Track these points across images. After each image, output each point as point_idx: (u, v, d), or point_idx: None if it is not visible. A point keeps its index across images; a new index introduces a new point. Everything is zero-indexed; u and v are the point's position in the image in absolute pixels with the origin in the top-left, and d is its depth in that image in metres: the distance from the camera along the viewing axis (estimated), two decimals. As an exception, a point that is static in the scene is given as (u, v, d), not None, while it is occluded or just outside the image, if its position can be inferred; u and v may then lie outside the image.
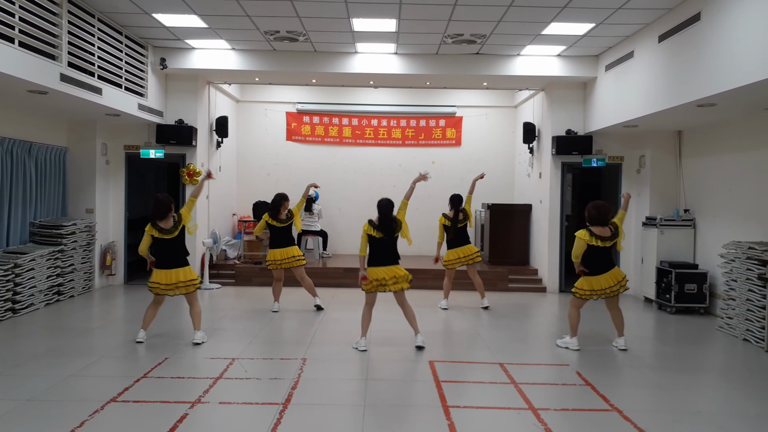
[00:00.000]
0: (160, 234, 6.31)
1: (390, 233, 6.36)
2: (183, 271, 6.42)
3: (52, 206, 9.25)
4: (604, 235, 6.29)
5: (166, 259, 6.39)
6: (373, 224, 6.38)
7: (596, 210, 6.37)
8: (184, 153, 10.45)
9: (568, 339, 6.54)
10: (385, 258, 6.40)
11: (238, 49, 9.82)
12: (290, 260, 8.24)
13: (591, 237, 6.26)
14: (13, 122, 8.38)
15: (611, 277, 6.36)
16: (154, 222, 6.35)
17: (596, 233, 6.28)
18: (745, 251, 7.16)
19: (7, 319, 7.50)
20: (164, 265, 6.38)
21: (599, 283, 6.35)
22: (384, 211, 6.41)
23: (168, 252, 6.39)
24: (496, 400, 4.98)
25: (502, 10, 7.66)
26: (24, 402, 4.67)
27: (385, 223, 6.39)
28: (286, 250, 8.24)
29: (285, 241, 8.28)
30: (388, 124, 13.23)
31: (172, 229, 6.37)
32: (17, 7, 6.40)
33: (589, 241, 6.25)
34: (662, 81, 7.70)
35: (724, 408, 4.99)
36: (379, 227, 6.37)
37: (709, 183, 8.92)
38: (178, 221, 6.44)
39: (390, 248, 6.42)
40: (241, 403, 4.75)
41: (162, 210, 6.36)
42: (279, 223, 8.23)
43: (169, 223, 6.39)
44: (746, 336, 7.06)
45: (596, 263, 6.35)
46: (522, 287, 10.66)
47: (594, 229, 6.32)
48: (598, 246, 6.26)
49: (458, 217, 8.54)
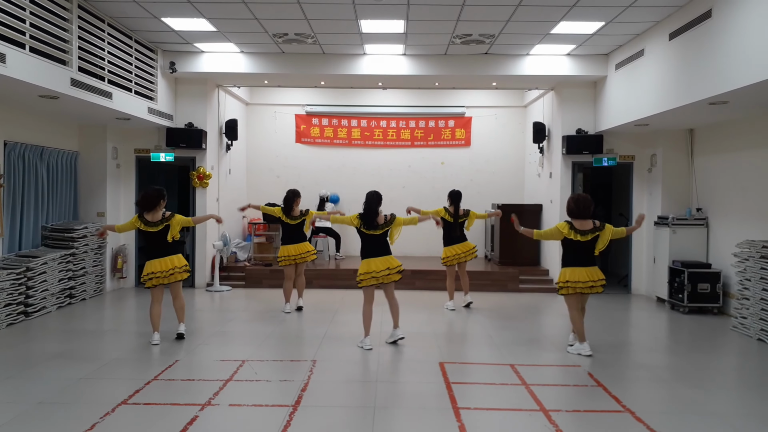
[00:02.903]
0: (145, 226, 6.44)
1: (369, 225, 6.42)
2: (175, 258, 6.54)
3: (63, 210, 9.32)
4: (584, 229, 6.16)
5: (157, 249, 6.51)
6: (360, 215, 6.49)
7: (575, 203, 6.27)
8: (194, 156, 10.50)
9: (578, 345, 6.39)
10: (376, 250, 6.47)
11: (247, 52, 9.86)
12: (304, 255, 8.27)
13: (570, 231, 6.15)
14: (25, 127, 8.46)
15: (588, 273, 6.18)
16: (141, 214, 6.48)
17: (576, 227, 6.17)
18: (759, 250, 7.08)
19: (19, 322, 7.56)
20: (155, 254, 6.51)
21: (575, 276, 6.17)
22: (368, 201, 6.48)
23: (157, 243, 6.51)
24: (506, 401, 4.94)
25: (510, 9, 7.62)
26: (35, 405, 4.69)
27: (367, 214, 6.45)
28: (299, 246, 8.27)
29: (298, 238, 8.30)
30: (397, 126, 13.22)
31: (157, 224, 6.46)
32: (28, 13, 6.46)
33: (567, 235, 6.15)
34: (673, 79, 7.63)
35: (738, 409, 4.93)
36: (361, 217, 6.46)
37: (721, 181, 8.83)
38: (167, 219, 6.49)
39: (378, 240, 6.47)
40: (251, 406, 4.74)
41: (147, 203, 6.47)
42: (291, 220, 8.23)
43: (156, 217, 6.47)
44: (761, 336, 6.97)
45: (574, 256, 6.23)
46: (533, 288, 10.60)
47: (575, 222, 6.21)
48: (577, 240, 6.15)
49: (459, 212, 8.51)
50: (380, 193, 6.59)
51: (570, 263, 6.26)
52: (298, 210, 8.29)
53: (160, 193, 6.53)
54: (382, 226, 6.46)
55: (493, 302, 9.42)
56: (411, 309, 8.72)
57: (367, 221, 6.44)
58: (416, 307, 8.91)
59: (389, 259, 6.48)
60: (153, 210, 6.47)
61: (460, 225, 8.56)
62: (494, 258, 11.71)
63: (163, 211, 6.56)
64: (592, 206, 6.30)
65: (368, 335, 6.54)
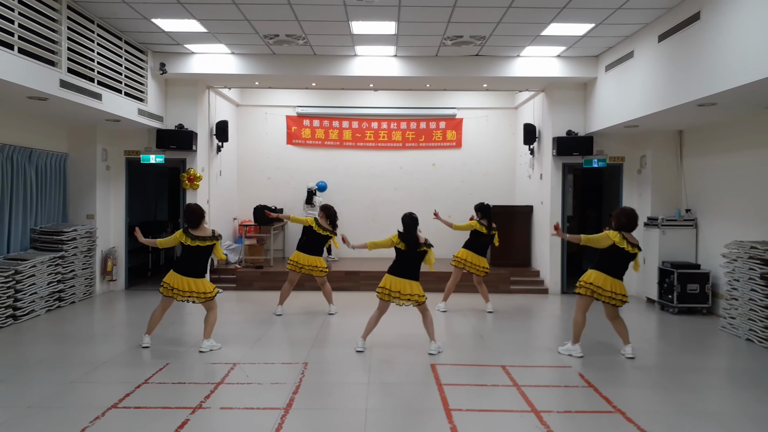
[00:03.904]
0: (192, 241, 6.34)
1: (412, 247, 6.34)
2: (196, 282, 6.38)
3: (52, 212, 9.25)
4: (634, 242, 6.16)
5: (186, 265, 6.41)
6: (401, 235, 6.39)
7: (626, 217, 6.20)
8: (184, 158, 10.45)
9: (570, 345, 6.41)
10: (404, 271, 6.39)
11: (238, 53, 9.83)
12: (311, 268, 8.22)
13: (623, 240, 6.10)
14: (14, 128, 8.38)
15: (612, 284, 6.20)
16: (186, 229, 6.40)
17: (628, 239, 6.14)
18: (748, 251, 7.14)
19: (8, 325, 7.48)
20: (183, 270, 6.39)
21: (600, 281, 6.18)
22: (406, 223, 6.43)
23: (190, 258, 6.41)
24: (498, 402, 4.96)
25: (501, 11, 7.65)
26: (25, 409, 4.65)
27: (408, 235, 6.37)
28: (311, 258, 8.22)
29: (315, 250, 8.27)
30: (389, 127, 13.22)
31: (207, 239, 6.41)
32: (16, 14, 6.41)
33: (619, 243, 6.09)
34: (662, 81, 7.68)
35: (727, 408, 4.97)
36: (402, 237, 6.37)
37: (710, 183, 8.90)
38: (215, 237, 6.48)
39: (411, 263, 6.40)
40: (242, 409, 4.73)
41: (193, 218, 6.42)
42: (321, 230, 8.20)
43: (205, 232, 6.44)
44: (749, 336, 7.03)
45: (609, 264, 6.21)
46: (524, 289, 10.64)
47: (627, 235, 6.17)
48: (626, 251, 6.11)
49: (492, 226, 8.57)
50: (416, 215, 6.52)
51: (603, 269, 6.23)
52: (327, 224, 8.25)
53: (201, 208, 6.53)
54: (421, 246, 6.37)
55: (485, 303, 9.42)
56: (404, 310, 8.71)
57: (409, 244, 6.34)
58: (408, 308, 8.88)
59: (412, 285, 6.39)
60: (199, 225, 6.45)
61: (491, 238, 8.61)
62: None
63: (213, 230, 6.56)
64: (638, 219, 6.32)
65: (363, 339, 6.54)
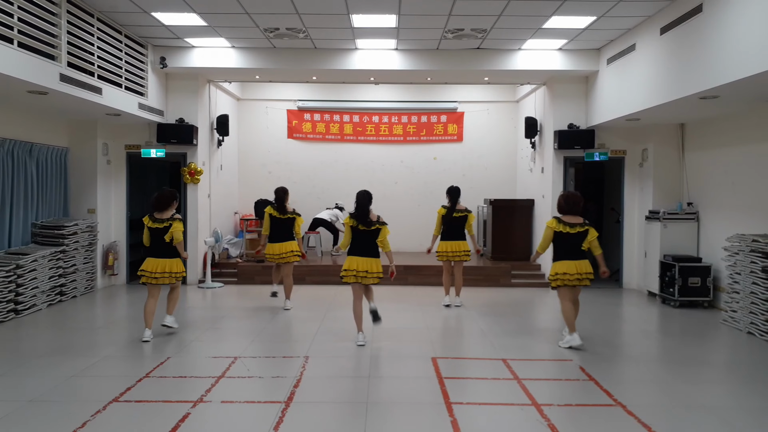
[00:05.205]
0: (153, 223, 6.55)
1: (365, 223, 6.43)
2: (170, 263, 6.60)
3: (53, 207, 9.25)
4: (573, 222, 6.33)
5: (156, 248, 6.59)
6: (352, 214, 6.51)
7: (565, 200, 6.47)
8: (185, 152, 10.44)
9: (568, 337, 6.42)
10: (363, 250, 6.49)
11: (238, 47, 9.80)
12: (286, 255, 8.23)
13: (558, 224, 6.35)
14: (14, 123, 8.38)
15: (577, 266, 6.32)
16: (152, 213, 6.60)
17: (564, 220, 6.36)
18: (749, 244, 7.12)
19: (9, 320, 7.50)
20: (154, 253, 6.60)
21: (563, 268, 6.34)
22: (358, 199, 6.51)
23: (159, 242, 6.57)
24: (499, 396, 4.96)
25: (502, 4, 7.62)
26: (26, 402, 4.66)
27: (360, 212, 6.46)
28: (283, 245, 8.23)
29: (284, 236, 8.26)
30: (389, 121, 13.19)
31: (162, 221, 6.56)
32: (16, 8, 6.38)
33: (555, 228, 6.34)
34: (664, 74, 7.65)
35: (728, 402, 4.96)
36: (354, 216, 6.47)
37: (712, 176, 8.87)
38: (171, 219, 6.59)
39: (367, 240, 6.48)
40: (243, 402, 4.74)
41: (160, 203, 6.62)
42: (281, 214, 8.20)
43: (165, 215, 6.60)
44: (750, 329, 7.02)
45: (563, 250, 6.40)
46: (525, 282, 10.63)
47: (563, 217, 6.40)
48: (567, 232, 6.31)
49: (456, 207, 8.47)
50: (370, 192, 6.59)
51: (560, 257, 6.43)
52: (289, 207, 8.27)
53: (173, 194, 6.73)
54: (374, 224, 6.46)
55: (486, 297, 9.44)
56: (403, 304, 8.73)
57: (361, 219, 6.44)
58: (409, 302, 8.92)
59: (373, 262, 6.47)
60: (164, 210, 6.62)
61: (457, 221, 8.51)
62: (486, 253, 11.73)
63: (173, 213, 6.69)
64: (582, 203, 6.46)
65: (361, 331, 6.54)
